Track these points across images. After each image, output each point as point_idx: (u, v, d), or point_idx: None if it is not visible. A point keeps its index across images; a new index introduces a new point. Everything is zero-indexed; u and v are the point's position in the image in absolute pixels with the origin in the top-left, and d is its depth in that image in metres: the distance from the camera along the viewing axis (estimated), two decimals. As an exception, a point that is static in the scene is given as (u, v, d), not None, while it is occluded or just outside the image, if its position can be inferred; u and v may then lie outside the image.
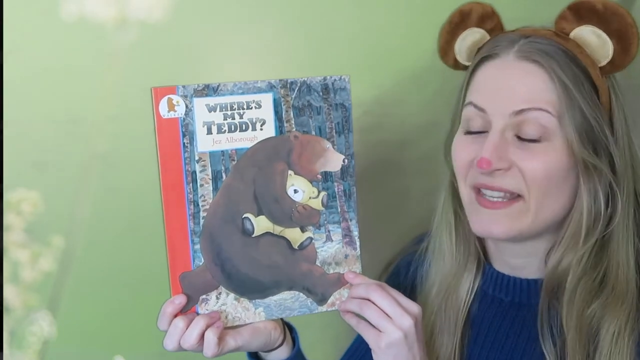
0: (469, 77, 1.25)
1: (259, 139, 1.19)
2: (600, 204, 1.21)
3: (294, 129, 1.20)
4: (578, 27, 1.21)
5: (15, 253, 1.28)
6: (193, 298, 1.19)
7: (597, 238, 1.22)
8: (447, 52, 1.31)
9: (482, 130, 1.22)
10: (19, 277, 1.29)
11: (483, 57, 1.23)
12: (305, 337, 1.34)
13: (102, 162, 1.38)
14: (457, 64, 1.31)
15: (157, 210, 1.18)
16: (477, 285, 1.32)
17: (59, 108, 1.38)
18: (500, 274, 1.30)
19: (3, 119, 1.35)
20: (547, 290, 1.23)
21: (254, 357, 1.30)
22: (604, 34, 1.20)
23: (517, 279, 1.29)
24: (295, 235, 1.22)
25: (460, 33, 1.29)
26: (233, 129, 1.17)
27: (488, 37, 1.27)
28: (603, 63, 1.21)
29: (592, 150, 1.19)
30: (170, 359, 1.27)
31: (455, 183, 1.29)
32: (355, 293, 1.22)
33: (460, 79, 1.28)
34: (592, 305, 1.19)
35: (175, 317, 1.18)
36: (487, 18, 1.28)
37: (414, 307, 1.19)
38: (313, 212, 1.22)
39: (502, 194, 1.21)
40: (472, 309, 1.31)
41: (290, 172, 1.20)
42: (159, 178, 1.16)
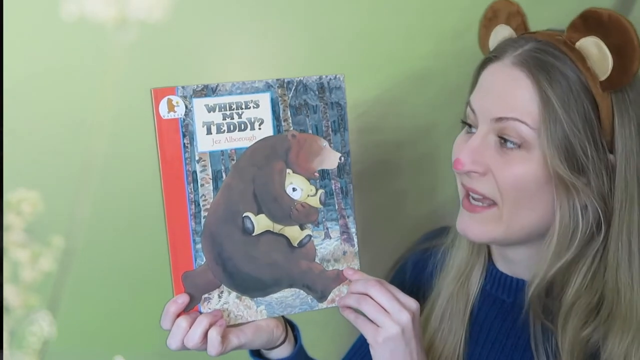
0: (476, 75, 1.25)
1: (258, 139, 1.20)
2: (579, 222, 1.18)
3: (292, 128, 1.21)
4: (584, 37, 1.16)
5: (15, 253, 1.28)
6: (195, 297, 1.20)
7: (570, 257, 1.19)
8: (484, 44, 1.31)
9: (473, 131, 1.22)
10: (19, 277, 1.28)
11: (487, 58, 1.24)
12: (307, 334, 1.34)
13: (102, 162, 1.38)
14: None
15: (156, 210, 1.19)
16: (481, 283, 1.32)
17: (59, 108, 1.38)
18: (502, 274, 1.31)
19: (3, 119, 1.35)
20: (533, 305, 1.22)
21: (257, 354, 1.31)
22: (605, 48, 1.15)
23: (519, 280, 1.29)
24: (295, 233, 1.23)
25: (494, 27, 1.29)
26: (232, 129, 1.18)
27: (515, 34, 1.26)
28: (602, 78, 1.16)
29: (571, 168, 1.15)
30: (171, 359, 1.27)
31: None
32: (354, 289, 1.23)
33: (461, 80, 1.29)
34: (589, 330, 1.18)
35: (178, 316, 1.18)
36: (513, 16, 1.27)
37: (412, 302, 1.20)
38: (311, 209, 1.23)
39: (481, 199, 1.21)
40: (474, 308, 1.32)
41: (289, 170, 1.21)
42: (160, 178, 1.16)
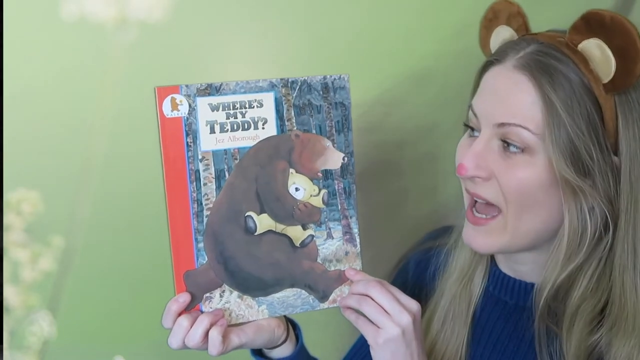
0: (478, 77, 1.24)
1: (261, 138, 1.19)
2: (587, 226, 1.17)
3: (295, 128, 1.20)
4: (587, 39, 1.15)
5: (15, 253, 1.27)
6: (197, 296, 1.20)
7: (582, 259, 1.18)
8: (485, 45, 1.30)
9: (476, 135, 1.22)
10: (19, 277, 1.28)
11: (488, 60, 1.23)
12: (308, 334, 1.34)
13: (102, 162, 1.37)
14: None
15: (157, 210, 1.19)
16: (484, 284, 1.32)
17: (59, 108, 1.37)
18: (506, 276, 1.30)
19: (3, 119, 1.35)
20: (541, 309, 1.21)
21: (258, 354, 1.31)
22: (608, 50, 1.13)
23: (522, 282, 1.28)
24: (297, 233, 1.23)
25: (495, 28, 1.28)
26: (235, 128, 1.18)
27: (516, 35, 1.25)
28: (605, 80, 1.14)
29: (577, 171, 1.14)
30: (171, 359, 1.28)
31: None
32: (355, 289, 1.22)
33: (461, 80, 1.29)
34: (595, 334, 1.18)
35: (180, 315, 1.18)
36: (513, 17, 1.26)
37: (413, 304, 1.20)
38: (314, 209, 1.23)
39: (484, 208, 1.21)
40: (477, 309, 1.31)
41: (292, 170, 1.21)
42: (163, 177, 1.16)
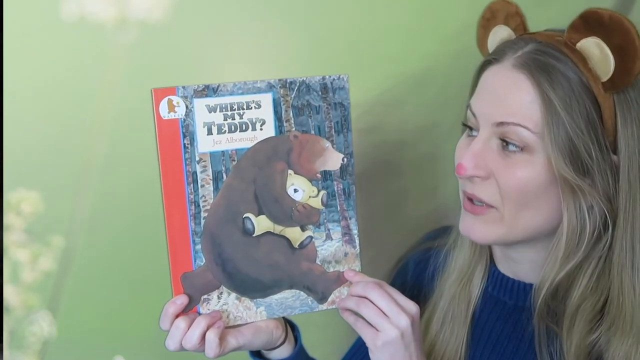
0: (476, 77, 1.23)
1: (259, 139, 1.18)
2: (586, 224, 1.16)
3: (294, 129, 1.19)
4: (585, 38, 1.15)
5: (15, 253, 1.28)
6: (194, 298, 1.19)
7: (580, 259, 1.18)
8: (482, 45, 1.30)
9: (474, 134, 1.21)
10: (19, 277, 1.28)
11: (486, 60, 1.22)
12: (307, 335, 1.33)
13: (102, 162, 1.37)
14: None
15: (156, 211, 1.18)
16: (483, 284, 1.31)
17: (59, 108, 1.36)
18: (504, 276, 1.29)
19: (3, 119, 1.34)
20: (540, 312, 1.21)
21: (257, 355, 1.30)
22: (607, 48, 1.13)
23: (520, 283, 1.27)
24: (296, 235, 1.22)
25: (492, 28, 1.27)
26: (233, 129, 1.17)
27: (514, 35, 1.24)
28: (604, 79, 1.14)
29: (576, 170, 1.14)
30: (171, 359, 1.26)
31: None
32: (354, 291, 1.21)
33: (461, 80, 1.28)
34: (594, 333, 1.17)
35: (177, 317, 1.18)
36: (511, 17, 1.25)
37: (412, 306, 1.18)
38: (313, 211, 1.22)
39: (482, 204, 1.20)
40: (476, 310, 1.31)
41: (290, 171, 1.20)
42: (160, 179, 1.15)
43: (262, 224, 1.19)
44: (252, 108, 1.17)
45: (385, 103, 1.52)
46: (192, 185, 1.16)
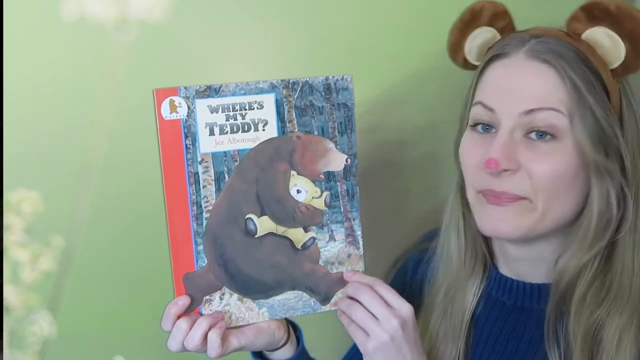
0: (478, 76, 1.22)
1: (261, 140, 1.17)
2: (613, 208, 1.17)
3: (297, 129, 1.18)
4: (590, 28, 1.17)
5: (15, 253, 1.25)
6: (196, 299, 1.18)
7: (607, 242, 1.18)
8: (457, 51, 1.28)
9: (490, 131, 1.19)
10: (19, 277, 1.25)
11: (493, 56, 1.20)
12: (308, 335, 1.33)
13: (102, 162, 1.32)
14: (466, 63, 1.28)
15: (157, 211, 1.17)
16: (482, 288, 1.29)
17: (59, 108, 1.37)
18: (505, 278, 1.28)
19: (3, 119, 1.34)
20: (555, 294, 1.20)
21: (259, 356, 1.29)
22: (617, 36, 1.16)
23: (520, 283, 1.26)
24: (298, 236, 1.21)
25: (471, 32, 1.26)
26: (235, 130, 1.16)
27: (499, 36, 1.24)
28: (615, 65, 1.17)
29: (603, 152, 1.15)
30: (171, 359, 1.26)
31: (463, 186, 1.26)
32: (347, 292, 1.20)
33: (462, 79, 1.26)
34: (598, 311, 1.16)
35: (179, 318, 1.17)
36: (498, 17, 1.25)
37: (404, 308, 1.16)
38: (316, 212, 1.21)
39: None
40: (476, 311, 1.29)
41: (293, 172, 1.19)
42: (162, 180, 1.14)
43: (264, 225, 1.18)
44: (254, 109, 1.16)
45: (386, 103, 1.52)
46: (194, 186, 1.15)
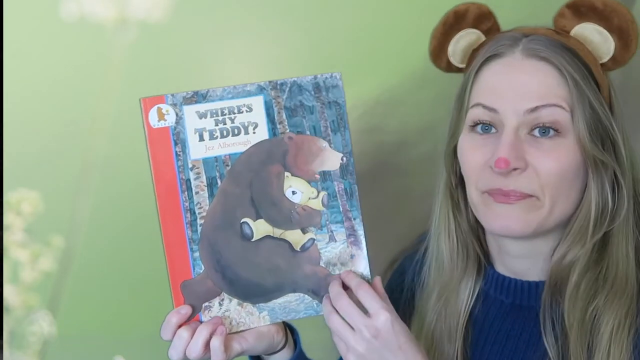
0: (473, 78, 1.20)
1: (253, 143, 1.15)
2: (608, 198, 1.18)
3: (288, 130, 1.16)
4: (578, 24, 1.19)
5: (15, 253, 1.26)
6: (196, 306, 1.17)
7: (603, 234, 1.18)
8: (439, 54, 1.26)
9: (490, 131, 1.18)
10: (19, 277, 1.26)
11: (487, 57, 1.19)
12: (304, 337, 1.30)
13: (102, 162, 1.36)
14: (449, 67, 1.27)
15: (157, 211, 1.16)
16: (478, 288, 1.27)
17: (59, 108, 1.37)
18: (502, 276, 1.26)
19: (3, 119, 1.34)
20: (550, 285, 1.19)
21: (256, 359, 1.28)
22: (605, 31, 1.18)
23: (518, 281, 1.24)
24: (297, 237, 1.18)
25: (455, 34, 1.25)
26: (225, 134, 1.14)
27: (484, 38, 1.24)
28: (605, 59, 1.19)
29: (600, 145, 1.16)
30: (171, 360, 1.25)
31: (452, 187, 1.25)
32: (331, 300, 1.17)
33: (461, 80, 1.24)
34: (594, 302, 1.16)
35: (180, 327, 1.15)
36: (483, 18, 1.24)
37: (381, 316, 1.12)
38: (313, 212, 1.18)
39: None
40: (474, 310, 1.27)
41: (287, 174, 1.16)
42: (153, 188, 1.14)
43: (260, 229, 1.16)
44: (243, 112, 1.15)
45: (386, 103, 1.51)
46: (186, 193, 1.14)
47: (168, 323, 1.15)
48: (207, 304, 1.17)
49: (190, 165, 1.13)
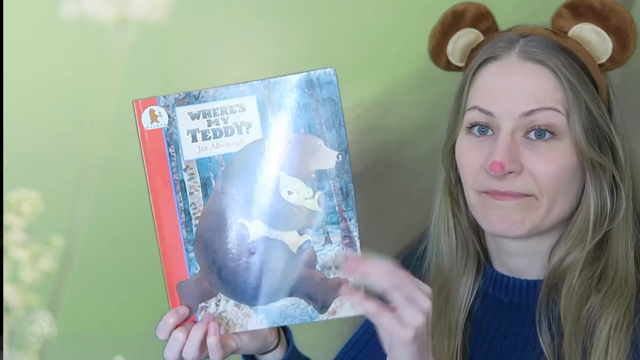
0: (470, 80, 1.20)
1: (246, 143, 1.14)
2: (606, 199, 1.17)
3: (282, 129, 1.13)
4: (576, 24, 1.18)
5: (15, 253, 1.26)
6: (192, 307, 1.15)
7: (602, 235, 1.18)
8: (438, 53, 1.26)
9: (487, 133, 1.18)
10: (19, 277, 1.26)
11: (484, 59, 1.19)
12: (302, 336, 1.30)
13: (102, 162, 1.35)
14: (449, 65, 1.26)
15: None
16: (477, 286, 1.27)
17: (59, 108, 1.37)
18: (500, 275, 1.25)
19: (3, 119, 1.34)
20: (548, 285, 1.19)
21: (250, 358, 1.26)
22: (603, 32, 1.18)
23: (516, 280, 1.24)
24: (293, 239, 1.15)
25: (453, 34, 1.24)
26: (218, 135, 1.13)
27: (482, 37, 1.23)
28: (603, 60, 1.19)
29: (597, 148, 1.16)
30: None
31: (451, 185, 1.25)
32: (375, 276, 1.06)
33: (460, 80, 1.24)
34: (590, 300, 1.15)
35: (176, 327, 1.14)
36: (481, 18, 1.23)
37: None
38: (310, 213, 1.15)
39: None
40: (472, 308, 1.27)
41: (282, 173, 1.14)
42: (148, 190, 1.14)
43: (256, 230, 1.15)
44: (236, 112, 1.13)
45: (385, 103, 1.51)
46: (180, 194, 1.13)
47: (165, 323, 1.14)
48: (203, 305, 1.15)
49: (184, 166, 1.13)
